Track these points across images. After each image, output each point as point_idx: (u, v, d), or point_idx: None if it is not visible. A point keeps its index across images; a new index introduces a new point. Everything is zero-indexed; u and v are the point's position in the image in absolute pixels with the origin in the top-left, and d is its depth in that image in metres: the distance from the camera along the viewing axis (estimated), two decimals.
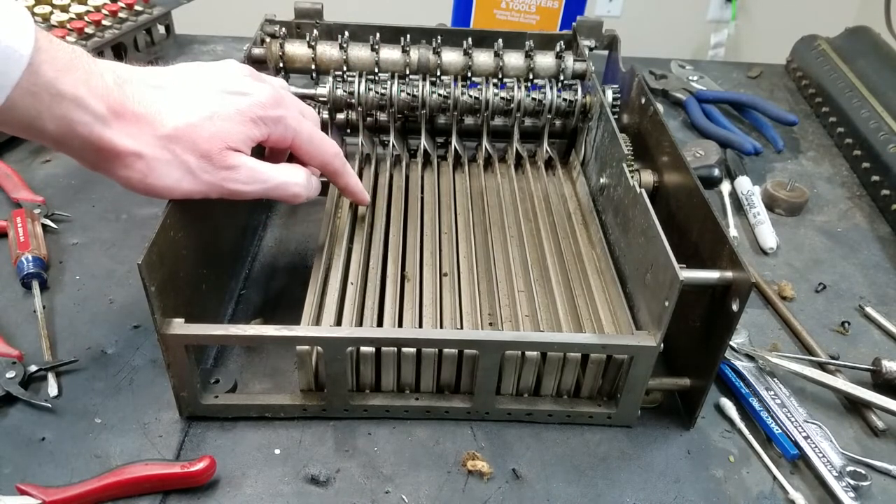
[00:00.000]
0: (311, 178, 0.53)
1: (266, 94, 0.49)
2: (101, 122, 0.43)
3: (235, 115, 0.47)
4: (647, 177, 0.60)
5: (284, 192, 0.51)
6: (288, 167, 0.52)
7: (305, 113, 0.54)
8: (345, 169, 0.57)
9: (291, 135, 0.51)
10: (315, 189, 0.55)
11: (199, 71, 0.50)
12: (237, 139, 0.48)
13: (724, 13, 2.23)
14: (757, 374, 0.56)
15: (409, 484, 0.48)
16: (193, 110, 0.46)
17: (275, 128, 0.50)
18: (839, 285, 0.68)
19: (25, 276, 0.60)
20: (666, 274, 0.46)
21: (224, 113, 0.47)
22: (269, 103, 0.49)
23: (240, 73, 0.51)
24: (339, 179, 0.57)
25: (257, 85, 0.50)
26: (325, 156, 0.54)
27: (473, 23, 0.86)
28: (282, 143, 0.52)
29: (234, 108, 0.48)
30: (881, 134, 0.81)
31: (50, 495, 0.44)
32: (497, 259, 0.59)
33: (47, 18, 0.84)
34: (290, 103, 0.52)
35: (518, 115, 0.69)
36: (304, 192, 0.52)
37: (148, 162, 0.45)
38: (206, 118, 0.46)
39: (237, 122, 0.48)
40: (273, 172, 0.50)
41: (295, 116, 0.51)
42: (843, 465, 0.50)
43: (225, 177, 0.47)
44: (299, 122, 0.52)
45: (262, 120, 0.49)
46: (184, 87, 0.47)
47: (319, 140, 0.54)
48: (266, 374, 0.54)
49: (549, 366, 0.50)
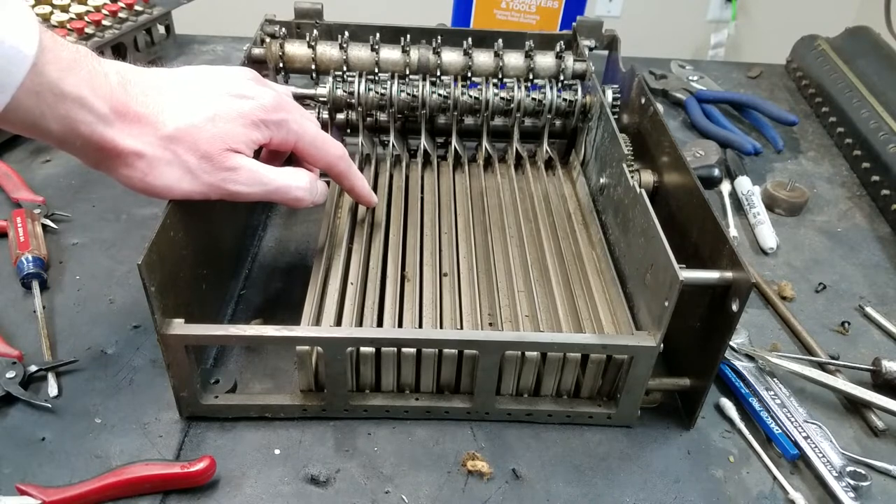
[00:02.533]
0: (315, 181, 0.53)
1: (269, 98, 0.49)
2: (104, 121, 0.43)
3: (237, 118, 0.48)
4: (647, 177, 0.60)
5: (286, 196, 0.51)
6: (291, 171, 0.52)
7: (307, 117, 0.54)
8: (350, 171, 0.56)
9: (294, 138, 0.51)
10: (321, 193, 0.55)
11: (203, 74, 0.50)
12: (238, 141, 0.48)
13: (724, 13, 2.23)
14: (757, 374, 0.56)
15: (409, 484, 0.48)
16: (196, 112, 0.46)
17: (277, 131, 0.50)
18: (839, 285, 0.68)
19: (25, 276, 0.60)
20: (666, 274, 0.46)
21: (226, 115, 0.47)
22: (272, 107, 0.49)
23: (243, 77, 0.51)
24: (345, 182, 0.57)
25: (260, 89, 0.50)
26: (329, 158, 0.54)
27: (473, 23, 0.86)
28: (284, 147, 0.52)
29: (236, 111, 0.48)
30: (881, 134, 0.81)
31: (50, 495, 0.44)
32: (497, 259, 0.59)
33: (47, 18, 0.84)
34: (292, 107, 0.52)
35: (518, 115, 0.69)
36: (306, 195, 0.52)
37: (149, 161, 0.45)
38: (207, 119, 0.46)
39: (239, 125, 0.48)
40: (275, 175, 0.50)
41: (297, 120, 0.51)
42: (843, 465, 0.50)
43: (225, 178, 0.47)
44: (302, 126, 0.51)
45: (264, 123, 0.49)
46: (186, 88, 0.48)
47: (322, 142, 0.53)
48: (266, 374, 0.54)
49: (549, 366, 0.50)
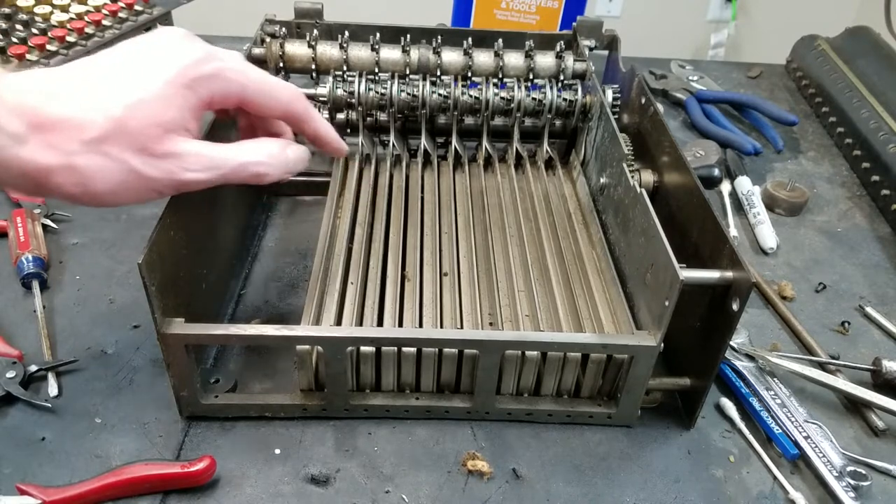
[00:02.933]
0: (283, 151, 0.47)
1: (194, 53, 0.43)
2: (18, 140, 0.38)
3: (165, 90, 0.41)
4: (648, 177, 0.60)
5: (245, 174, 0.45)
6: (248, 143, 0.46)
7: (247, 64, 0.47)
8: (309, 112, 0.49)
9: (236, 88, 0.44)
10: (293, 162, 0.48)
11: (119, 53, 0.43)
12: (174, 118, 0.42)
13: (724, 13, 2.23)
14: (757, 374, 0.56)
15: (409, 484, 0.48)
16: (117, 100, 0.40)
17: (212, 84, 0.43)
18: (839, 285, 0.68)
19: (25, 276, 0.60)
20: (666, 274, 0.46)
21: (152, 92, 0.41)
22: (200, 59, 0.43)
23: (165, 41, 0.44)
24: (306, 127, 0.50)
25: (185, 45, 0.43)
26: (281, 101, 0.47)
27: (473, 23, 0.86)
28: (228, 102, 0.45)
29: (161, 82, 0.41)
30: (881, 134, 0.81)
31: (50, 495, 0.44)
32: (497, 259, 0.59)
33: (47, 18, 0.84)
34: (225, 56, 0.45)
35: (518, 115, 0.69)
36: (270, 170, 0.46)
37: (81, 172, 0.39)
38: (132, 106, 0.40)
39: (168, 98, 0.41)
40: (228, 153, 0.44)
41: (234, 67, 0.44)
42: (844, 465, 0.50)
43: (172, 168, 0.42)
44: (242, 73, 0.45)
45: (194, 82, 0.42)
46: (104, 75, 0.41)
47: (272, 87, 0.46)
48: (266, 374, 0.54)
49: (549, 366, 0.50)
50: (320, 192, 0.68)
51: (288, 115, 0.49)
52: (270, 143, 0.47)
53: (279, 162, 0.46)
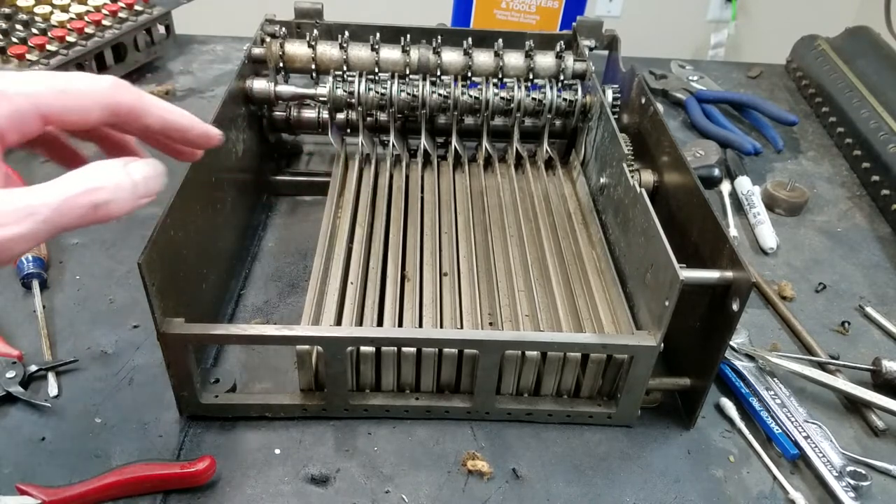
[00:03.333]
0: (122, 169, 0.35)
1: None
2: None
3: None
4: (647, 177, 0.60)
5: (79, 211, 0.33)
6: (70, 174, 0.34)
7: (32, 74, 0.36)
8: (143, 102, 0.37)
9: (27, 105, 0.34)
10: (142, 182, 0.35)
11: None
12: None
13: (724, 13, 2.23)
14: (757, 374, 0.56)
15: (409, 484, 0.48)
16: None
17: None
18: (839, 285, 0.68)
19: (25, 276, 0.60)
20: (666, 274, 0.46)
21: None
22: None
23: None
24: (146, 120, 0.38)
25: None
26: (95, 99, 0.36)
27: (473, 23, 0.86)
28: (25, 126, 0.34)
29: None
30: (881, 134, 0.81)
31: (50, 495, 0.44)
32: (497, 259, 0.59)
33: (47, 18, 0.84)
34: (4, 77, 0.34)
35: (518, 115, 0.69)
36: (112, 195, 0.34)
37: None
38: None
39: None
40: (42, 192, 0.32)
41: (19, 80, 0.34)
42: (843, 465, 0.50)
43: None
44: (31, 85, 0.34)
45: None
46: None
47: (77, 88, 0.35)
48: (266, 374, 0.54)
49: (549, 366, 0.50)
50: (320, 192, 0.68)
51: (114, 115, 0.37)
52: (101, 165, 0.35)
53: (119, 184, 0.35)
